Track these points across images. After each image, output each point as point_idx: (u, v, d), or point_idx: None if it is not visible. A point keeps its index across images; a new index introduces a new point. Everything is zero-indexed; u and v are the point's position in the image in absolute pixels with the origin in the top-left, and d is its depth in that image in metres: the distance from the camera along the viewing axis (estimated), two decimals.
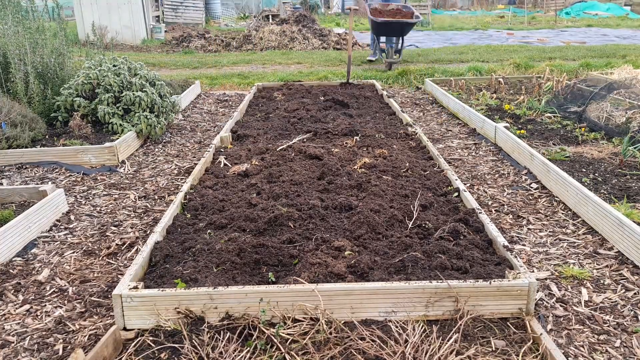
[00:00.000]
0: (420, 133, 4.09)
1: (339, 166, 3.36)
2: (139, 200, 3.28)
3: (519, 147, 3.74)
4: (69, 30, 5.54)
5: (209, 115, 5.52)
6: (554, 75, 5.91)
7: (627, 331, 1.98)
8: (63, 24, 4.97)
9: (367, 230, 2.50)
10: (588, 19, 17.69)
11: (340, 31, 13.47)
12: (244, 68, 8.92)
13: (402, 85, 6.93)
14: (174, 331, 1.92)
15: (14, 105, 4.12)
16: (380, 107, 5.20)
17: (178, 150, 4.29)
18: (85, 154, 3.86)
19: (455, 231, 2.48)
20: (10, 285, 2.34)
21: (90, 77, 4.42)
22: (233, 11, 21.80)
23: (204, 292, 1.95)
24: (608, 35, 13.03)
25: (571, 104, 4.94)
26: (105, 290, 2.30)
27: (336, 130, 4.16)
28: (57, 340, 1.98)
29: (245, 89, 6.94)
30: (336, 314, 1.95)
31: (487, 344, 1.86)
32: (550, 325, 2.03)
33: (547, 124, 4.52)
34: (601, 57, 8.78)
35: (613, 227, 2.56)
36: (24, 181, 3.59)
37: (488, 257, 2.27)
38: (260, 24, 13.51)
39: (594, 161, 3.56)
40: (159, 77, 4.93)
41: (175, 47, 12.31)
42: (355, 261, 2.17)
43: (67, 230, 2.90)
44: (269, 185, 3.09)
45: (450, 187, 3.09)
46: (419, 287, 1.96)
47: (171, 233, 2.58)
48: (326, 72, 7.85)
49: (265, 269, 2.21)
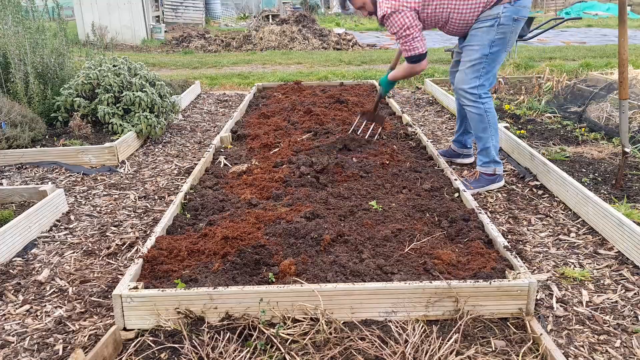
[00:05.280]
0: (420, 133, 4.09)
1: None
2: (139, 201, 3.28)
3: (519, 147, 3.74)
4: (69, 30, 5.55)
5: (209, 115, 5.52)
6: (554, 75, 5.91)
7: (627, 331, 1.98)
8: (63, 24, 4.97)
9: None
10: (588, 19, 17.70)
11: (340, 31, 13.48)
12: (244, 68, 8.93)
13: (402, 85, 6.93)
14: (174, 331, 1.92)
15: (14, 105, 4.12)
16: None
17: (178, 151, 4.29)
18: (85, 154, 3.86)
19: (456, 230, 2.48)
20: (10, 285, 2.34)
21: (90, 77, 4.42)
22: (233, 11, 21.81)
23: (204, 292, 1.96)
24: (608, 36, 13.04)
25: (571, 104, 4.94)
26: (105, 290, 2.30)
27: (336, 130, 4.16)
28: (57, 341, 1.98)
29: (245, 89, 6.94)
30: (336, 314, 1.95)
31: (487, 344, 1.86)
32: (551, 326, 2.03)
33: (547, 124, 4.53)
34: (601, 57, 8.78)
35: (613, 227, 2.56)
36: (24, 181, 3.59)
37: (488, 257, 2.27)
38: (260, 24, 13.52)
39: (594, 161, 3.56)
40: (159, 77, 4.93)
41: (175, 47, 12.32)
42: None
43: (67, 230, 2.90)
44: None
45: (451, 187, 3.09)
46: (419, 287, 1.96)
47: (171, 233, 2.58)
48: (326, 72, 7.85)
49: (265, 269, 2.21)
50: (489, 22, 2.99)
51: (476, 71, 3.09)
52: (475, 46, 3.07)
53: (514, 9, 2.96)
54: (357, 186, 3.05)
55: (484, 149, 3.24)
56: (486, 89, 3.13)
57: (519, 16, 2.98)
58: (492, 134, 3.19)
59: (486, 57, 3.05)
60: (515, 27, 3.01)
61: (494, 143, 3.22)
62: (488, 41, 3.01)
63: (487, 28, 3.00)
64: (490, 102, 3.16)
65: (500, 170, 3.28)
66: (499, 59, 3.09)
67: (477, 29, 3.05)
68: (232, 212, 2.73)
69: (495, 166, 3.25)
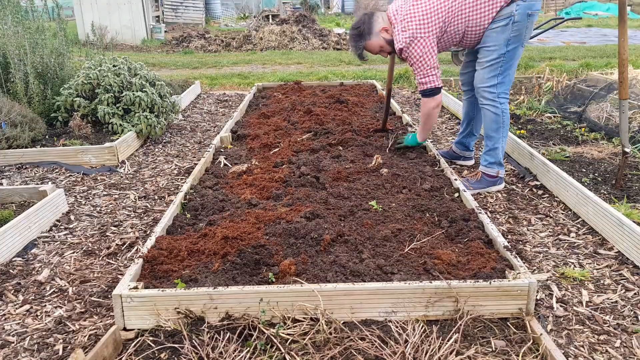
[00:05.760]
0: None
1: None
2: (139, 201, 3.28)
3: (519, 147, 3.74)
4: (68, 30, 5.55)
5: (209, 115, 5.52)
6: (554, 75, 5.91)
7: (627, 331, 1.98)
8: (63, 24, 4.97)
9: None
10: (588, 19, 17.70)
11: (340, 31, 13.48)
12: (243, 68, 8.93)
13: (402, 85, 6.93)
14: (174, 331, 1.92)
15: (14, 105, 4.12)
16: (380, 107, 5.19)
17: (178, 151, 4.29)
18: (85, 154, 3.86)
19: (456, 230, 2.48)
20: (10, 285, 2.34)
21: (90, 77, 4.42)
22: (233, 11, 21.81)
23: (204, 292, 1.96)
24: (608, 36, 13.03)
25: (571, 104, 4.94)
26: (105, 290, 2.30)
27: (336, 130, 4.16)
28: (57, 340, 1.98)
29: (245, 89, 6.94)
30: (336, 314, 1.96)
31: (487, 344, 1.86)
32: (551, 326, 2.03)
33: (547, 124, 4.53)
34: (601, 57, 8.78)
35: (613, 227, 2.56)
36: (24, 181, 3.59)
37: (488, 257, 2.27)
38: (260, 24, 13.52)
39: (594, 161, 3.56)
40: (159, 77, 4.93)
41: (175, 47, 12.32)
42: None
43: (67, 230, 2.90)
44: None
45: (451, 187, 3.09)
46: (419, 287, 1.96)
47: (171, 233, 2.58)
48: (326, 72, 7.85)
49: (265, 269, 2.21)
50: (504, 22, 2.98)
51: (494, 70, 3.08)
52: (492, 47, 3.05)
53: (527, 4, 2.94)
54: (357, 186, 3.05)
55: (492, 149, 3.24)
56: (505, 87, 3.13)
57: (532, 11, 2.96)
58: (503, 135, 3.21)
59: (503, 56, 3.04)
60: (529, 22, 2.99)
61: (502, 145, 3.24)
62: (504, 40, 3.00)
63: (502, 27, 2.99)
64: (507, 104, 3.16)
65: (503, 173, 3.29)
66: (517, 56, 3.08)
67: (492, 30, 3.03)
68: (232, 212, 2.73)
69: (499, 168, 3.27)
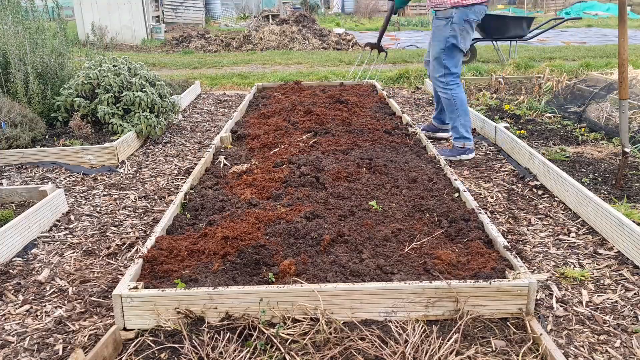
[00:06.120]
0: (420, 133, 4.09)
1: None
2: (139, 201, 3.28)
3: (519, 147, 3.74)
4: (69, 30, 5.55)
5: (209, 115, 5.52)
6: (554, 75, 5.91)
7: (627, 331, 1.98)
8: (63, 24, 4.97)
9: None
10: (588, 19, 17.71)
11: (340, 31, 13.49)
12: (244, 68, 8.93)
13: (401, 85, 6.94)
14: (174, 331, 1.92)
15: (14, 105, 4.12)
16: (380, 107, 5.20)
17: (178, 151, 4.29)
18: (86, 154, 3.86)
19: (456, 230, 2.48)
20: (10, 285, 2.34)
21: (90, 77, 4.42)
22: (233, 11, 21.81)
23: (204, 292, 1.96)
24: (608, 36, 13.04)
25: (571, 104, 4.94)
26: (105, 290, 2.30)
27: (336, 130, 4.16)
28: (57, 340, 1.98)
29: (245, 89, 6.94)
30: (336, 314, 1.96)
31: (487, 344, 1.87)
32: (551, 326, 2.03)
33: (547, 124, 4.53)
34: (601, 57, 8.78)
35: (613, 227, 2.56)
36: (24, 181, 3.59)
37: (488, 257, 2.27)
38: (260, 24, 13.52)
39: (594, 161, 3.56)
40: (159, 77, 4.93)
41: (175, 47, 12.33)
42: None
43: (67, 230, 2.90)
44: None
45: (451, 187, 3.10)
46: (419, 287, 1.96)
47: (171, 233, 2.58)
48: (326, 72, 7.85)
49: (265, 269, 2.21)
50: (444, 21, 3.66)
51: (440, 62, 3.76)
52: (435, 42, 3.77)
53: (463, 12, 3.58)
54: (357, 186, 3.05)
55: (453, 126, 3.90)
56: (453, 76, 3.76)
57: (469, 18, 3.60)
58: (459, 115, 3.81)
59: (443, 50, 3.71)
60: (466, 26, 3.62)
61: (461, 122, 3.82)
62: (444, 37, 3.68)
63: (443, 26, 3.68)
64: (457, 88, 3.77)
65: (470, 144, 3.84)
66: (457, 50, 3.69)
67: (437, 26, 3.72)
68: (232, 212, 2.73)
69: (465, 141, 3.84)
